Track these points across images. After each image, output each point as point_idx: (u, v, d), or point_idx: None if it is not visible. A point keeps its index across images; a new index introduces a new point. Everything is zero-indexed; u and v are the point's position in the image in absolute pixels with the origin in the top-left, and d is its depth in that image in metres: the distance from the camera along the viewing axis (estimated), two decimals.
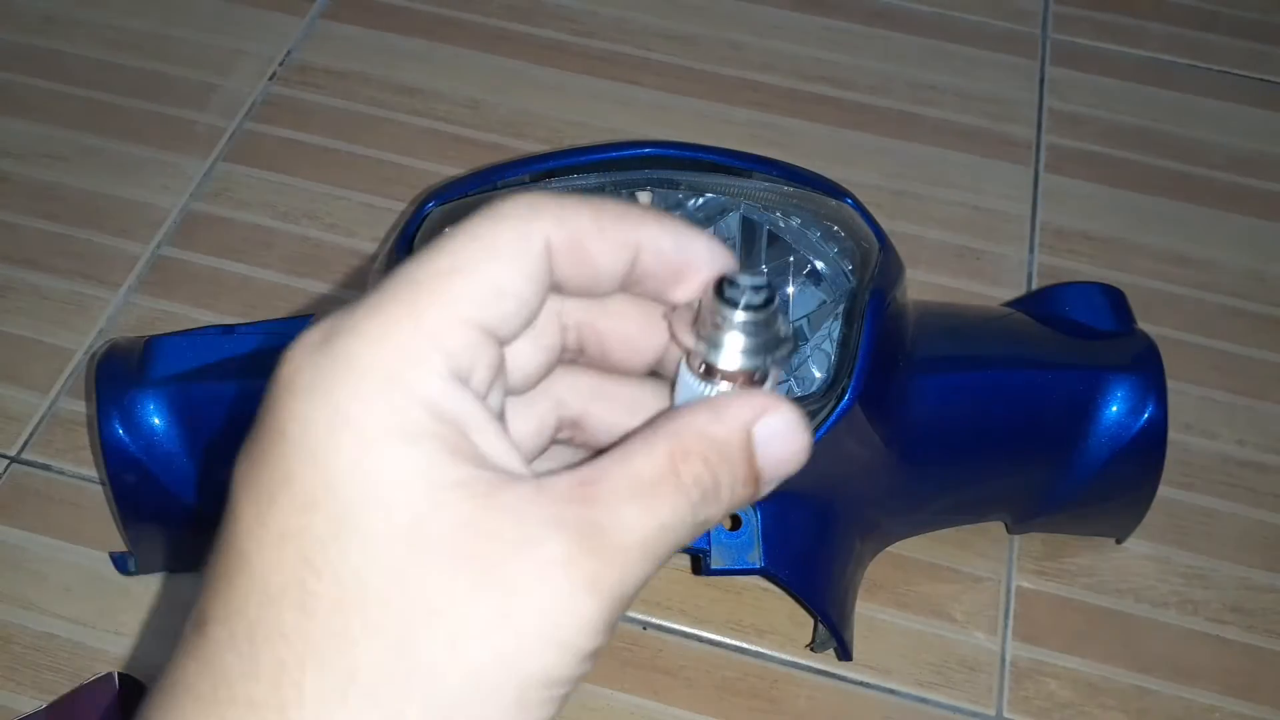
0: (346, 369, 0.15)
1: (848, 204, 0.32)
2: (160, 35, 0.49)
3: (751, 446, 0.16)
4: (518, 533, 0.15)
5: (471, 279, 0.16)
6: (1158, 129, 0.49)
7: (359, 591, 0.14)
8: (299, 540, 0.14)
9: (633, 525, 0.15)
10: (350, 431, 0.14)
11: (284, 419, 0.15)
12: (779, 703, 0.34)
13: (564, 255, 0.17)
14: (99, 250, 0.42)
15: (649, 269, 0.17)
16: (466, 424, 0.15)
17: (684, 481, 0.16)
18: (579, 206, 0.17)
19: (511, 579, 0.14)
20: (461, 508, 0.14)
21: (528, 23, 0.51)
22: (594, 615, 0.15)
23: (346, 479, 0.14)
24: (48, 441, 0.38)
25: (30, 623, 0.34)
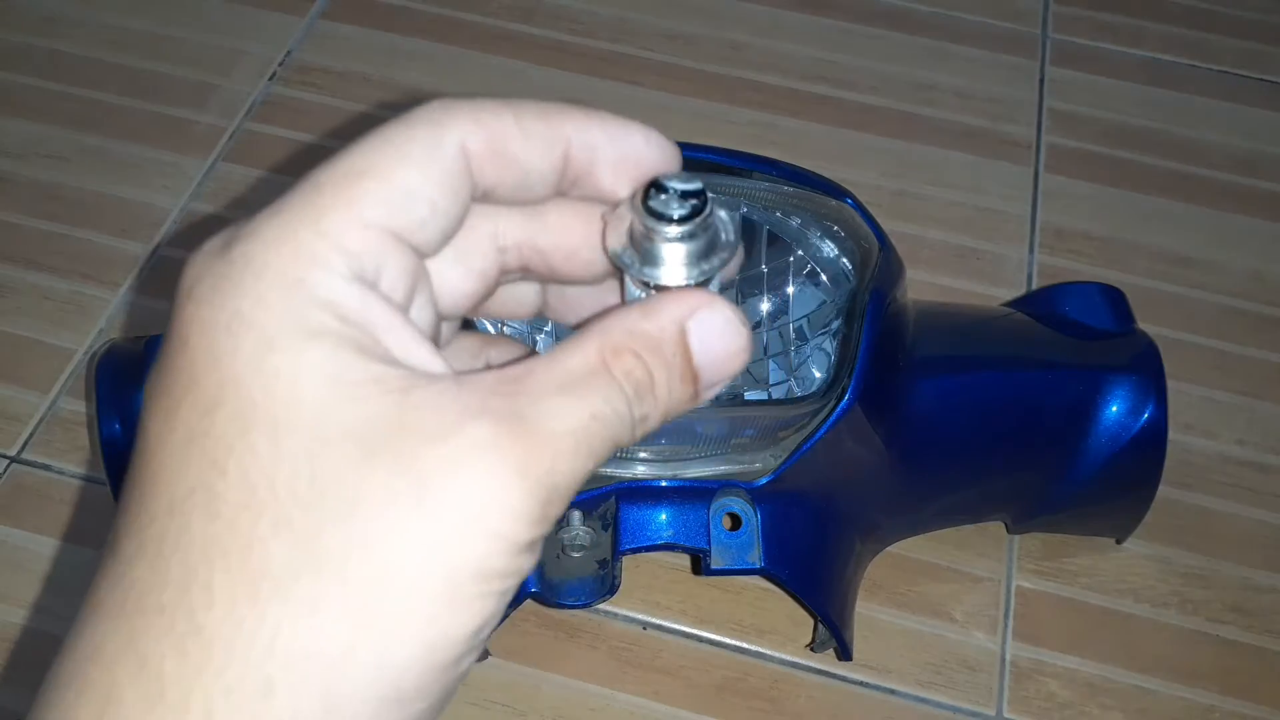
0: (244, 272, 0.14)
1: (848, 204, 0.32)
2: (160, 35, 0.49)
3: (686, 342, 0.16)
4: (436, 424, 0.14)
5: (377, 181, 0.15)
6: (1158, 129, 0.49)
7: (267, 489, 0.14)
8: (204, 442, 0.14)
9: (561, 414, 0.14)
10: (250, 332, 0.14)
11: (185, 326, 0.15)
12: (779, 703, 0.34)
13: (486, 159, 0.16)
14: (99, 250, 0.42)
15: (582, 166, 0.16)
16: (375, 325, 0.15)
17: (615, 375, 0.15)
18: (498, 107, 0.16)
19: (429, 469, 0.14)
20: (373, 403, 0.14)
21: (528, 23, 0.51)
22: (523, 501, 0.14)
23: (249, 378, 0.14)
24: (48, 441, 0.38)
25: (30, 623, 0.34)
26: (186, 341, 0.14)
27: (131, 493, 0.15)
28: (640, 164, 0.16)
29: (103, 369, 0.32)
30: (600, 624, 0.35)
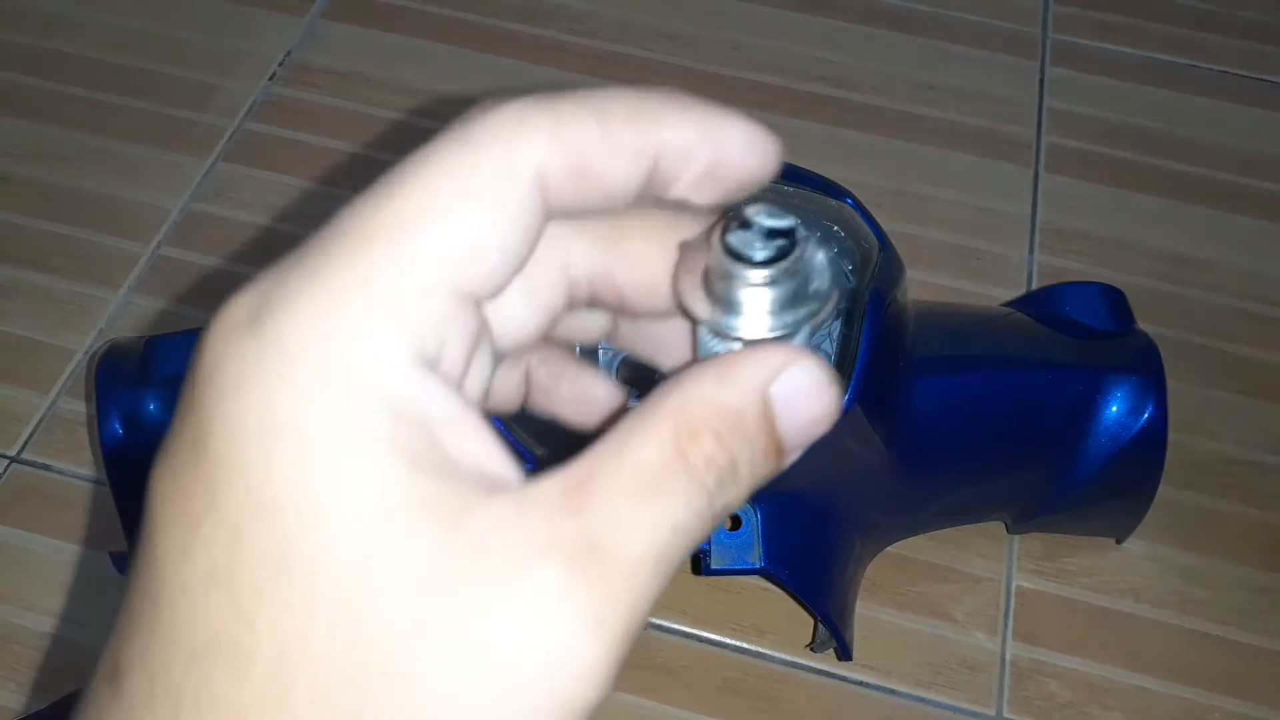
0: (277, 357, 0.12)
1: (848, 204, 0.32)
2: (160, 36, 0.49)
3: (771, 411, 0.13)
4: (497, 568, 0.11)
5: (440, 229, 0.12)
6: (1157, 129, 0.49)
7: (300, 652, 0.11)
8: (227, 582, 0.12)
9: (638, 533, 0.12)
10: (284, 441, 0.11)
11: (205, 426, 0.12)
12: (779, 703, 0.34)
13: (564, 180, 0.13)
14: (99, 250, 0.42)
15: (672, 173, 0.14)
16: (432, 420, 0.12)
17: (695, 466, 0.12)
18: (580, 114, 0.13)
19: (491, 633, 0.11)
20: (424, 538, 0.11)
21: (528, 22, 0.51)
22: (598, 662, 0.12)
23: (283, 504, 0.11)
24: (48, 441, 0.38)
25: (30, 623, 0.34)
26: (206, 446, 0.12)
27: (139, 622, 0.12)
28: (736, 173, 0.14)
29: (103, 369, 0.32)
30: None
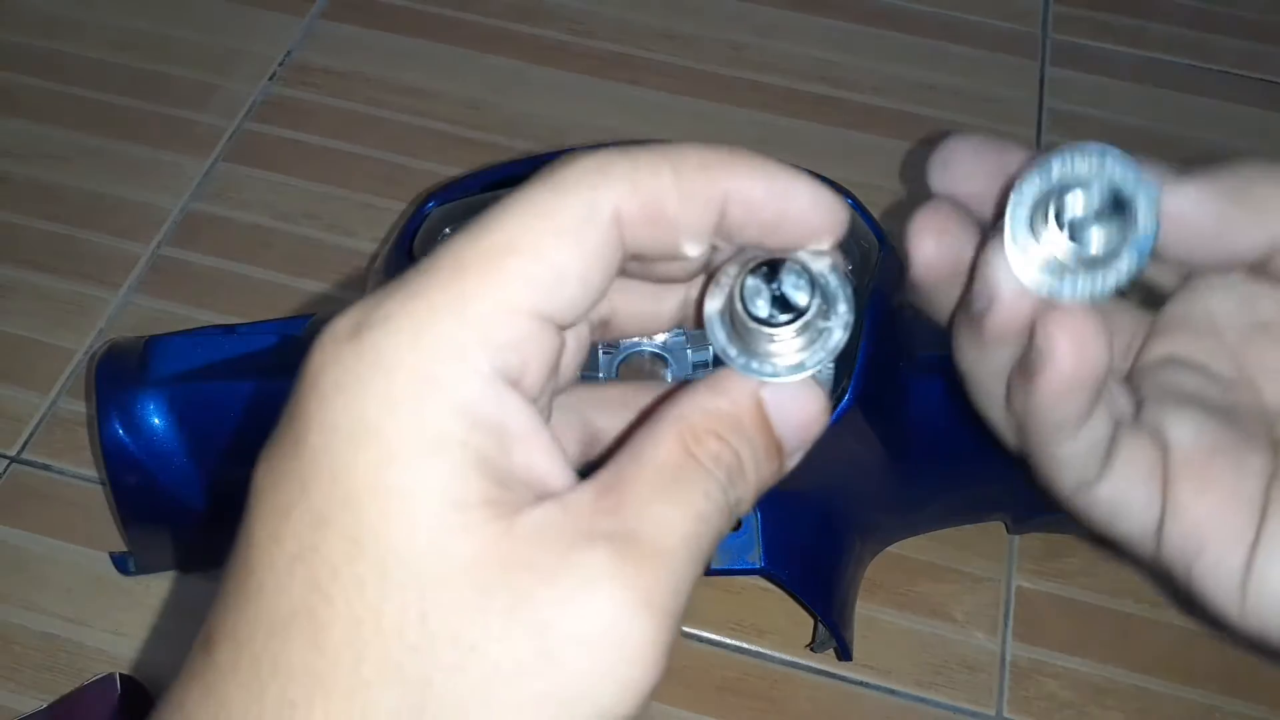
0: (375, 368, 0.13)
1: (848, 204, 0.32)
2: (160, 35, 0.49)
3: (765, 415, 0.15)
4: (547, 557, 0.13)
5: (529, 260, 0.13)
6: (1158, 129, 0.49)
7: (373, 627, 0.13)
8: (310, 562, 0.13)
9: (670, 523, 0.13)
10: (373, 441, 0.13)
11: (305, 424, 0.13)
12: (779, 703, 0.34)
13: (640, 224, 0.14)
14: (99, 250, 0.42)
15: (738, 222, 0.15)
16: (507, 432, 0.13)
17: (704, 463, 0.14)
18: (656, 164, 0.14)
19: (549, 610, 0.13)
20: (483, 531, 0.13)
21: (528, 23, 0.51)
22: (651, 637, 0.13)
23: (364, 495, 0.13)
24: (48, 441, 0.38)
25: (30, 623, 0.34)
26: (304, 441, 0.13)
27: (230, 596, 0.14)
28: (803, 227, 0.15)
29: (103, 369, 0.32)
30: None
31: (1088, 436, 0.17)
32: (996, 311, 0.16)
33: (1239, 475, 0.17)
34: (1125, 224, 0.16)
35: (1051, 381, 0.16)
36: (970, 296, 0.17)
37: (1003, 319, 0.16)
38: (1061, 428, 0.17)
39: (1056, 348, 0.16)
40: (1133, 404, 0.19)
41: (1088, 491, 0.18)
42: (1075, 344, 0.16)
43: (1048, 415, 0.17)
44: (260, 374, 0.32)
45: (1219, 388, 0.19)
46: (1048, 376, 0.16)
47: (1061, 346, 0.16)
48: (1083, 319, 0.16)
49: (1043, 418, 0.17)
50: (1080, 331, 0.16)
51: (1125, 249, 0.16)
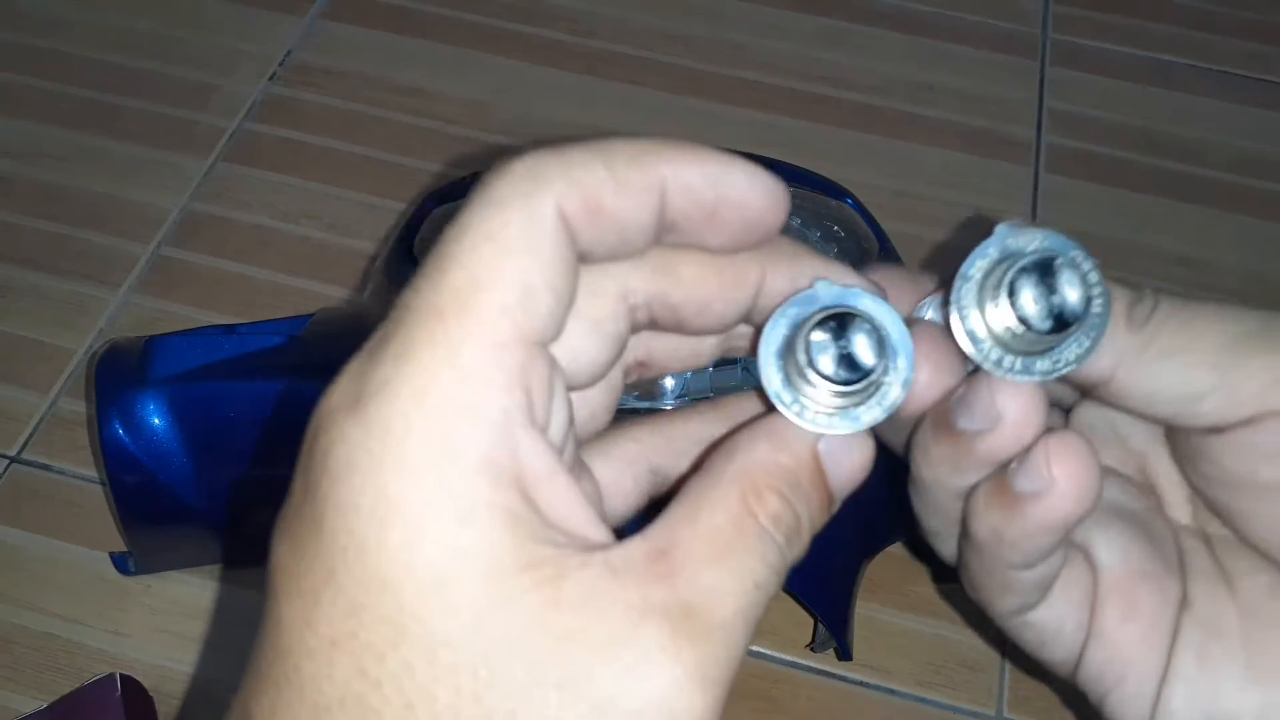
0: (385, 439, 0.13)
1: (848, 204, 0.32)
2: (160, 36, 0.49)
3: (821, 468, 0.15)
4: (600, 630, 0.12)
5: (497, 290, 0.13)
6: (1158, 129, 0.49)
7: (428, 708, 0.12)
8: (351, 648, 0.13)
9: (725, 593, 0.13)
10: (397, 519, 0.12)
11: (320, 504, 0.13)
12: (779, 703, 0.34)
13: (582, 220, 0.14)
14: (99, 250, 0.42)
15: (680, 211, 0.14)
16: (526, 479, 0.13)
17: (764, 526, 0.14)
18: (587, 159, 0.14)
19: (606, 689, 0.12)
20: (530, 601, 0.12)
21: (528, 23, 0.51)
22: (705, 711, 0.13)
23: (399, 577, 0.12)
24: (48, 442, 0.38)
25: (30, 623, 0.34)
26: (322, 524, 0.13)
27: (267, 683, 0.13)
28: (742, 210, 0.15)
29: (102, 369, 0.32)
30: None
31: (1047, 566, 0.17)
32: (999, 433, 0.16)
33: (1160, 602, 0.17)
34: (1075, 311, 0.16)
35: (1048, 515, 0.16)
36: (955, 414, 0.16)
37: (1003, 441, 0.16)
38: (1029, 558, 0.16)
39: (1060, 481, 0.15)
40: None
41: (1024, 615, 0.18)
42: (1079, 480, 0.15)
43: (1024, 545, 0.16)
44: (260, 374, 0.32)
45: (1131, 496, 0.18)
46: (1045, 508, 0.16)
47: (1066, 481, 0.15)
48: (1087, 454, 0.15)
49: (1018, 546, 0.16)
50: (1085, 467, 0.15)
51: (1075, 335, 0.15)
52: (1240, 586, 0.17)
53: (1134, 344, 0.16)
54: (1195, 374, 0.16)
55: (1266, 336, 0.16)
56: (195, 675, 0.33)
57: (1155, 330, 0.16)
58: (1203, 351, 0.16)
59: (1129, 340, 0.16)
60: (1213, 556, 0.18)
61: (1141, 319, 0.16)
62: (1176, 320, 0.16)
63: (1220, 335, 0.16)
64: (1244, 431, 0.16)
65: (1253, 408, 0.16)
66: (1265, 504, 0.17)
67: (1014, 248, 0.16)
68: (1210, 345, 0.16)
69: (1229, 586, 0.18)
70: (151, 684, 0.32)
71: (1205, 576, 0.18)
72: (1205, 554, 0.18)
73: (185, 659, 0.33)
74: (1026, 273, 0.15)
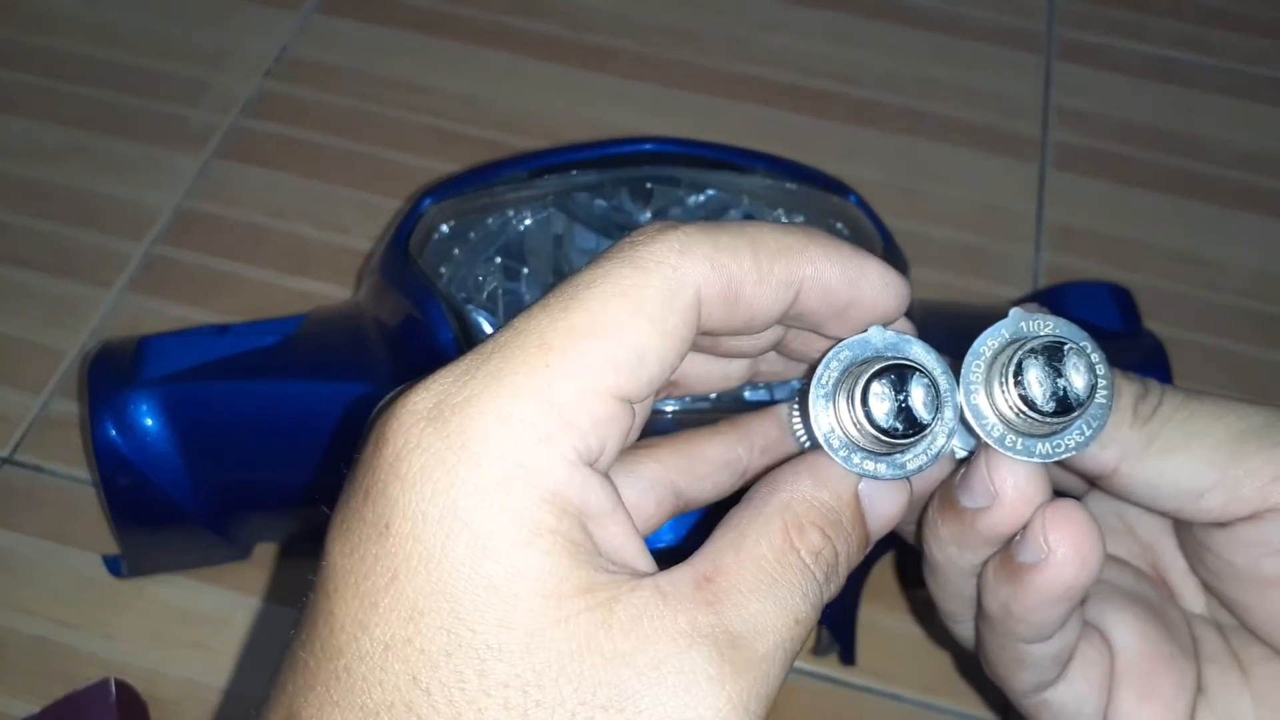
0: (461, 453, 0.13)
1: (851, 201, 0.32)
2: (153, 31, 0.48)
3: (861, 509, 0.15)
4: (648, 652, 0.13)
5: (611, 343, 0.13)
6: (1165, 126, 0.48)
7: (474, 719, 0.12)
8: (405, 653, 0.13)
9: (769, 626, 0.13)
10: (465, 531, 0.13)
11: (389, 508, 0.13)
12: (782, 708, 0.34)
13: (717, 305, 0.14)
14: (91, 249, 0.42)
15: (810, 307, 0.15)
16: (588, 514, 0.13)
17: (805, 561, 0.14)
18: (737, 245, 0.14)
19: (651, 712, 0.12)
20: (581, 622, 0.13)
21: (525, 17, 0.50)
22: None
23: (460, 587, 0.13)
24: (39, 443, 0.37)
25: (21, 626, 0.34)
26: (389, 528, 0.13)
27: (316, 680, 0.13)
28: (871, 311, 0.15)
29: (95, 369, 0.32)
30: None
31: (1061, 639, 0.17)
32: (997, 509, 0.16)
33: (1177, 685, 0.17)
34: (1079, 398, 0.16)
35: (1050, 584, 0.16)
36: (958, 492, 0.16)
37: (1002, 518, 0.16)
38: (1041, 630, 0.17)
39: (1058, 549, 0.16)
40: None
41: (1042, 693, 0.18)
42: (1077, 547, 0.16)
43: (1033, 617, 0.16)
44: (254, 374, 0.32)
45: (1144, 585, 0.19)
46: (1047, 578, 0.16)
47: (1063, 549, 0.16)
48: (1083, 521, 0.16)
49: (1028, 619, 0.17)
50: (1082, 534, 0.16)
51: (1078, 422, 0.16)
52: (1254, 674, 0.18)
53: (1138, 439, 0.17)
54: (1198, 470, 0.17)
55: (1266, 435, 0.17)
56: (188, 680, 0.33)
57: (1159, 426, 0.17)
58: (1205, 448, 0.17)
59: (1133, 435, 0.17)
60: (1226, 644, 0.18)
61: (1146, 414, 0.17)
62: (1180, 416, 0.17)
63: (1223, 432, 0.17)
64: (1246, 526, 0.17)
65: (1255, 504, 0.16)
66: (1268, 598, 0.17)
67: (1025, 331, 0.16)
68: (1212, 442, 0.17)
69: (1243, 674, 0.18)
70: (144, 688, 0.32)
71: (1219, 663, 0.18)
72: (1219, 641, 0.18)
73: (178, 662, 0.33)
74: (1035, 355, 0.15)
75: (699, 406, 0.29)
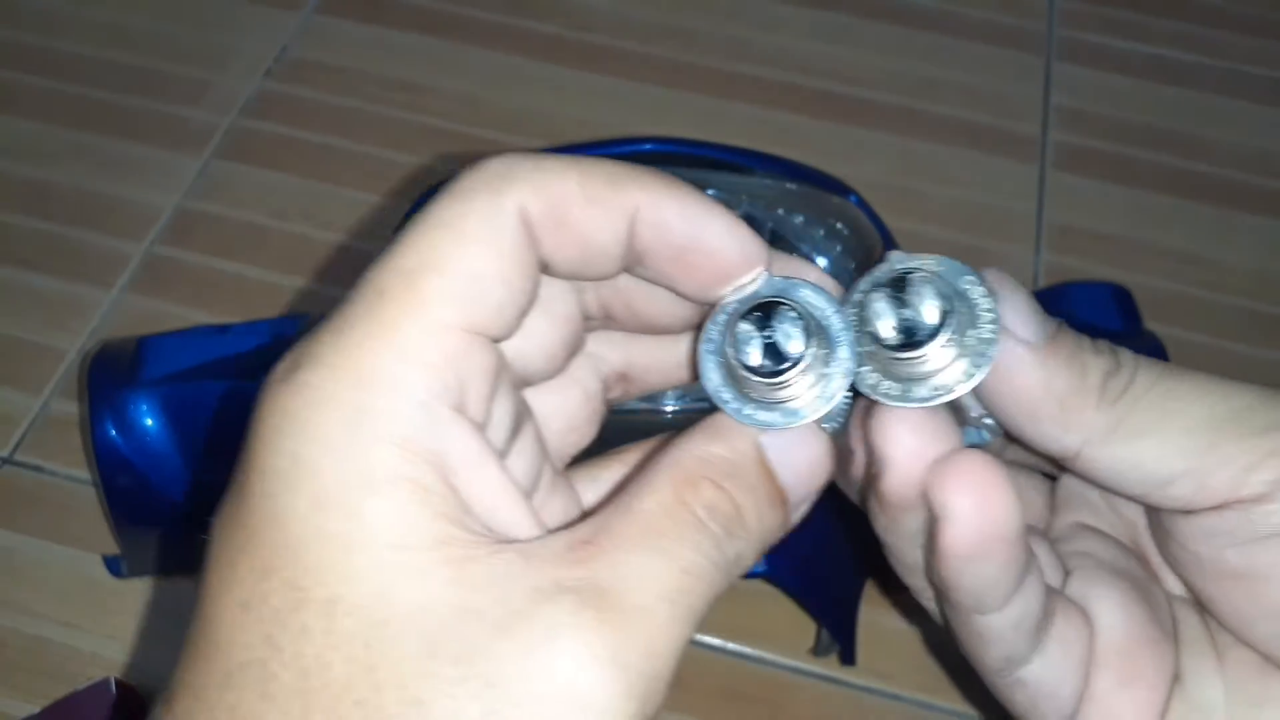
0: (304, 406, 0.13)
1: (851, 201, 0.32)
2: (153, 31, 0.48)
3: (767, 462, 0.14)
4: (503, 609, 0.12)
5: (445, 275, 0.13)
6: (1165, 126, 0.48)
7: (320, 676, 0.12)
8: (260, 610, 0.12)
9: (648, 576, 0.12)
10: (307, 483, 0.12)
11: (247, 469, 0.13)
12: (782, 708, 0.34)
13: (546, 227, 0.14)
14: (91, 249, 0.42)
15: (649, 245, 0.14)
16: (449, 460, 0.13)
17: (697, 514, 0.13)
18: (561, 168, 0.14)
19: (504, 665, 0.12)
20: (433, 577, 0.12)
21: (525, 17, 0.50)
22: (620, 699, 0.12)
23: (304, 541, 0.12)
24: (40, 443, 0.37)
25: (22, 626, 0.34)
26: (246, 490, 0.13)
27: (190, 648, 0.13)
28: (714, 257, 0.14)
29: (95, 369, 0.32)
30: None
31: (1018, 608, 0.16)
32: (890, 476, 0.15)
33: (1158, 670, 0.17)
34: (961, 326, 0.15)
35: (956, 543, 0.15)
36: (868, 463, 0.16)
37: (897, 483, 0.15)
38: (983, 596, 0.15)
39: (956, 504, 0.14)
40: (1062, 573, 0.18)
41: (1015, 670, 0.17)
42: (976, 498, 0.14)
43: (963, 583, 0.15)
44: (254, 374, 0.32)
45: (1128, 560, 0.18)
46: (951, 537, 0.15)
47: (961, 503, 0.14)
48: (979, 471, 0.14)
49: (960, 586, 0.15)
50: (980, 483, 0.14)
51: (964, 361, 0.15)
52: (1228, 661, 0.17)
53: (1104, 421, 0.16)
54: (1167, 457, 0.15)
55: (1244, 420, 0.15)
56: None
57: (1128, 408, 0.16)
58: (1178, 433, 0.15)
59: (1098, 417, 0.16)
60: (1205, 628, 0.17)
61: (1116, 393, 0.16)
62: (1152, 396, 0.16)
63: (1195, 417, 0.15)
64: (1212, 516, 0.16)
65: (1222, 495, 0.15)
66: (1231, 589, 0.16)
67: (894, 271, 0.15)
68: (1186, 425, 0.15)
69: (1218, 660, 0.17)
70: (145, 688, 0.32)
71: (1196, 648, 0.17)
72: (1198, 625, 0.17)
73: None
74: (880, 287, 0.15)
75: (699, 406, 0.29)
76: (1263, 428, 0.15)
